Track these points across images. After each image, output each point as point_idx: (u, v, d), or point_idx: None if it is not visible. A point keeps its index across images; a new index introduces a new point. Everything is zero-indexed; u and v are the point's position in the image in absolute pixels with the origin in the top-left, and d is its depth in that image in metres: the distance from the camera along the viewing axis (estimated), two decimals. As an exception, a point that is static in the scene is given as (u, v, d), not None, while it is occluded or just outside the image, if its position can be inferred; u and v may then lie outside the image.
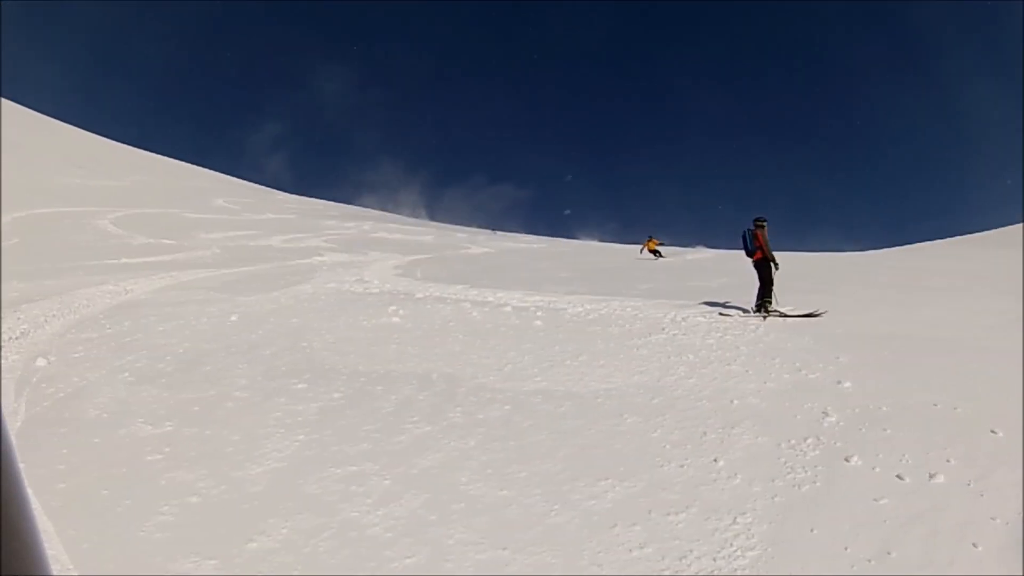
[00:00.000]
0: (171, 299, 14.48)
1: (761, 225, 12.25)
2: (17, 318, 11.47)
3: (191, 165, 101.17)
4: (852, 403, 7.25)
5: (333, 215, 62.88)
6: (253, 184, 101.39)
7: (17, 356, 9.33)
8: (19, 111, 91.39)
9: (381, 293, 15.96)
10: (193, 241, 28.76)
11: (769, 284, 12.12)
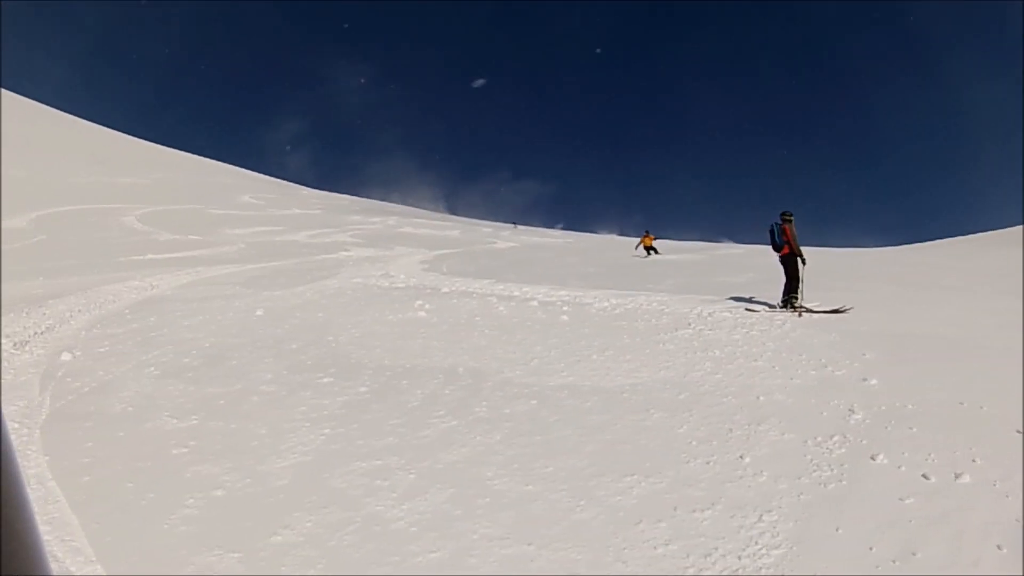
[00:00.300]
0: (197, 294, 14.69)
1: (789, 220, 12.17)
2: (42, 314, 11.67)
3: (215, 161, 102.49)
4: (878, 401, 7.16)
5: (358, 210, 63.33)
6: (278, 180, 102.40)
7: (42, 351, 9.49)
8: (40, 109, 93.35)
9: (407, 288, 16.03)
10: (218, 237, 29.13)
11: (796, 280, 12.01)
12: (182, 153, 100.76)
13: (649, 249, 28.83)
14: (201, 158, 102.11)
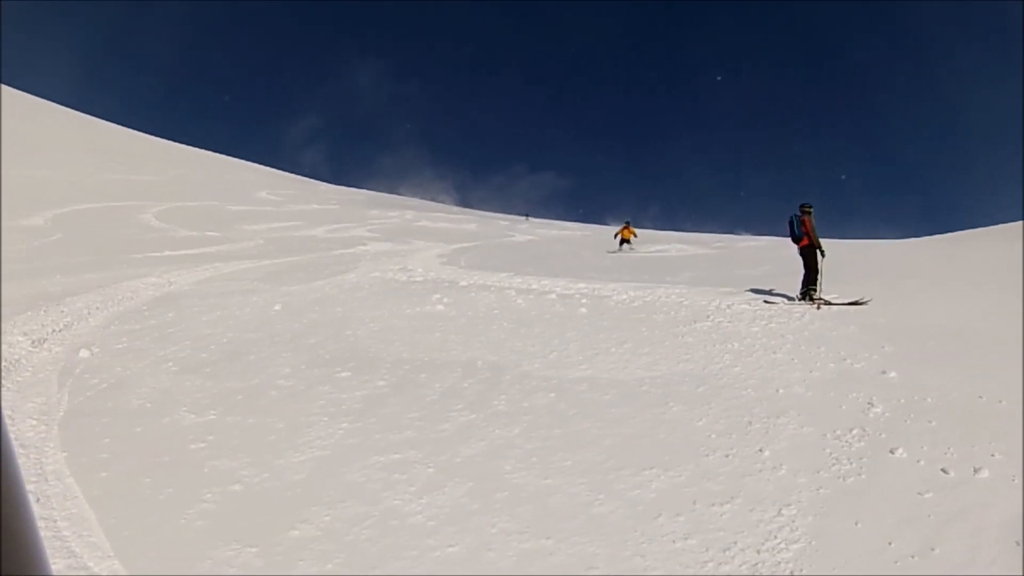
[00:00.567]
0: (215, 290, 14.82)
1: (808, 211, 12.18)
2: (60, 311, 11.82)
3: (232, 158, 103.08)
4: (897, 394, 7.11)
5: (376, 205, 63.58)
6: (295, 176, 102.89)
7: (60, 348, 9.61)
8: (55, 108, 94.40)
9: (425, 281, 16.08)
10: (236, 233, 29.37)
11: (814, 271, 12.01)
12: (198, 150, 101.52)
13: (623, 242, 27.51)
14: (217, 155, 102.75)
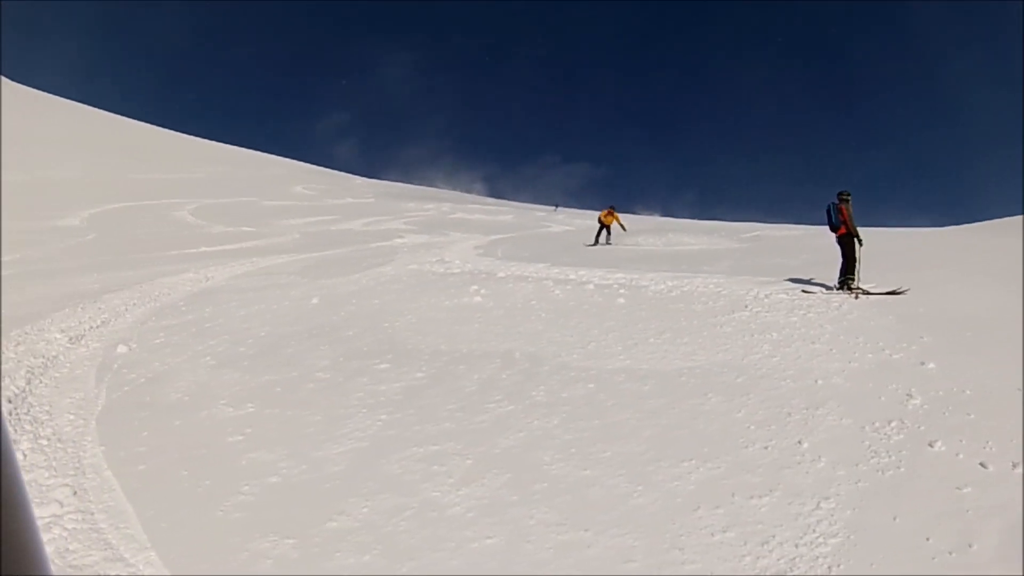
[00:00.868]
0: (252, 284, 15.02)
1: (846, 199, 12.08)
2: (97, 308, 12.08)
3: (266, 154, 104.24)
4: (936, 385, 7.02)
5: (412, 197, 63.91)
6: (330, 170, 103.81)
7: (98, 344, 9.82)
8: (87, 111, 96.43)
9: (462, 273, 16.09)
10: (272, 228, 29.73)
11: (852, 261, 11.92)
12: (231, 147, 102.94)
13: (603, 228, 24.64)
14: (251, 151, 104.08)
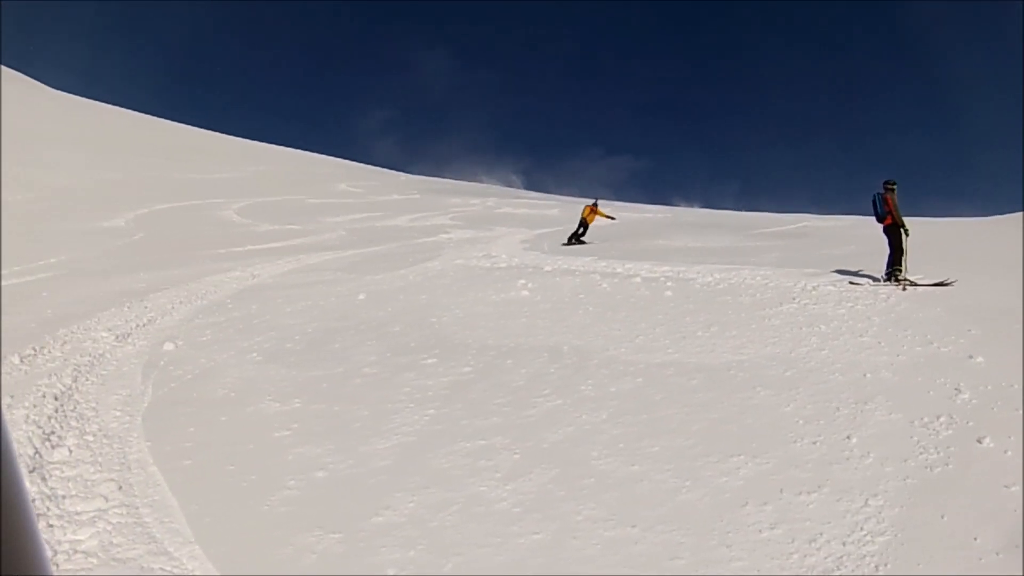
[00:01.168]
0: (298, 281, 15.24)
1: (891, 188, 11.89)
2: (144, 307, 12.40)
3: (310, 153, 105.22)
4: (984, 380, 6.84)
5: (456, 192, 64.03)
6: (374, 167, 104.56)
7: (144, 342, 10.06)
8: (126, 113, 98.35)
9: (509, 267, 16.07)
10: (318, 225, 30.11)
11: (900, 251, 11.71)
12: (274, 146, 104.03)
13: (581, 227, 22.10)
14: (295, 150, 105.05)
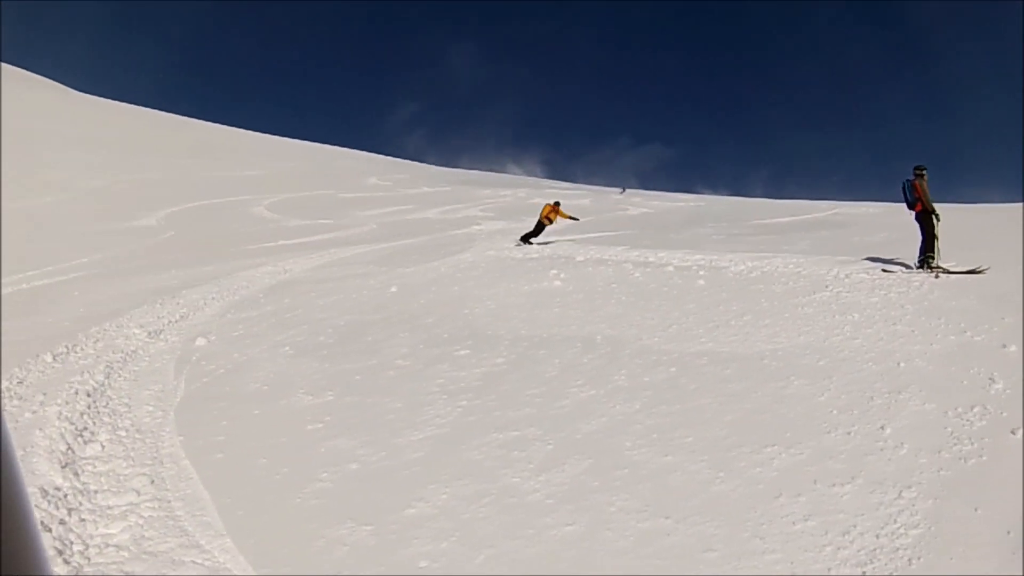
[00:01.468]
0: (330, 275, 15.40)
1: (921, 174, 11.81)
2: (176, 303, 12.62)
3: (338, 148, 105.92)
4: (1018, 369, 6.72)
5: (486, 184, 64.12)
6: (404, 160, 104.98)
7: (176, 338, 10.22)
8: (152, 113, 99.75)
9: (541, 258, 16.08)
10: (349, 219, 30.39)
11: (932, 238, 11.60)
12: (303, 142, 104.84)
13: (537, 228, 19.98)
14: (323, 145, 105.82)
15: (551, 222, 20.06)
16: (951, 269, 11.23)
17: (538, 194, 48.95)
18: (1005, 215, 21.91)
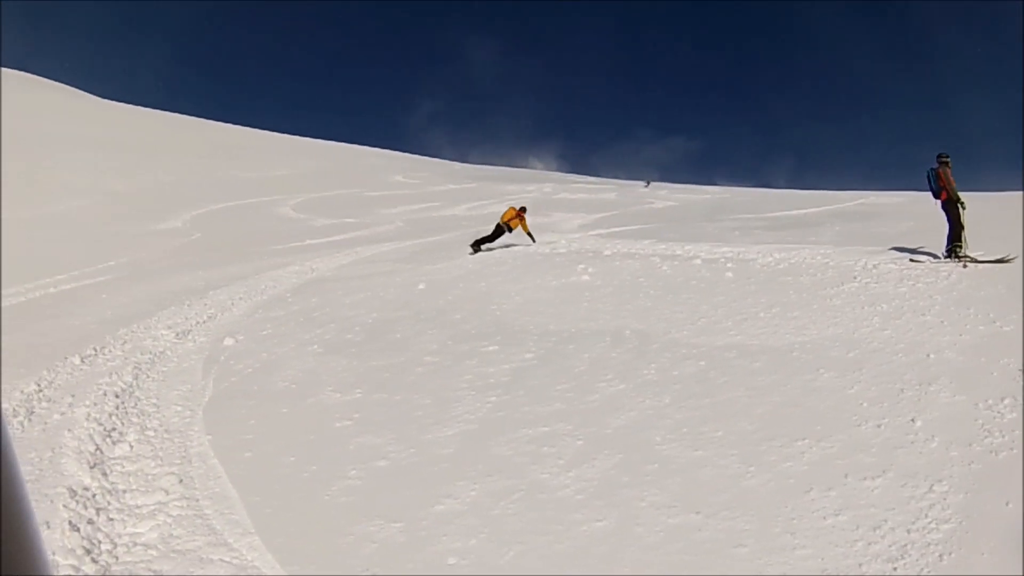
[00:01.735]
0: (357, 273, 15.49)
1: (944, 162, 11.68)
2: (204, 304, 12.76)
3: (361, 146, 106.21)
4: None
5: (512, 180, 64.07)
6: (428, 158, 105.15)
7: (205, 338, 10.32)
8: (168, 116, 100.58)
9: (568, 252, 16.04)
10: (375, 217, 30.51)
11: (959, 227, 11.49)
12: (326, 142, 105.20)
13: (496, 233, 18.40)
14: (347, 144, 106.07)
15: (511, 230, 18.56)
16: (979, 258, 11.15)
17: (564, 189, 48.87)
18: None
